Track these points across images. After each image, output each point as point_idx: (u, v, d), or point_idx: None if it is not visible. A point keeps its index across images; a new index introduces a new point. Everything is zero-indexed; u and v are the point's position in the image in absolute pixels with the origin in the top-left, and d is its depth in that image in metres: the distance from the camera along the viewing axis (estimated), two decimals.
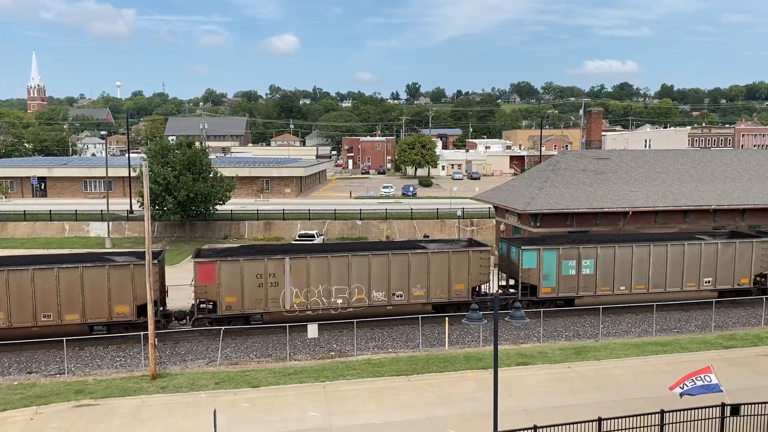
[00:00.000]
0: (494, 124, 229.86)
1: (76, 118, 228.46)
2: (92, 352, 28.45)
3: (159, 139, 68.16)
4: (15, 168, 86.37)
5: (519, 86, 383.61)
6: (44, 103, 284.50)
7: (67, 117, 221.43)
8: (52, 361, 27.44)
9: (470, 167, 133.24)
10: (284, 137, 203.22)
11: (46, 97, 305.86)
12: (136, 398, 23.62)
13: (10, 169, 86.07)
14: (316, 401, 23.33)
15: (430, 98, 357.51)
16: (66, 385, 24.83)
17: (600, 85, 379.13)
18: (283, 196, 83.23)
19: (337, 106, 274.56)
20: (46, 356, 27.96)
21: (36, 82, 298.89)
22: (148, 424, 21.64)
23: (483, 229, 60.50)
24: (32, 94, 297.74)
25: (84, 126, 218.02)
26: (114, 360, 27.81)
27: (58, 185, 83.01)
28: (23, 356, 27.96)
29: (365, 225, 60.99)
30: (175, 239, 58.42)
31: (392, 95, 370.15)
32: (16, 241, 56.92)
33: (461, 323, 23.64)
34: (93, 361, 27.65)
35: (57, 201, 76.65)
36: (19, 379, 25.81)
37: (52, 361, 27.38)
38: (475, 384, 24.80)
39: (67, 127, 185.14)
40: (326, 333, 30.37)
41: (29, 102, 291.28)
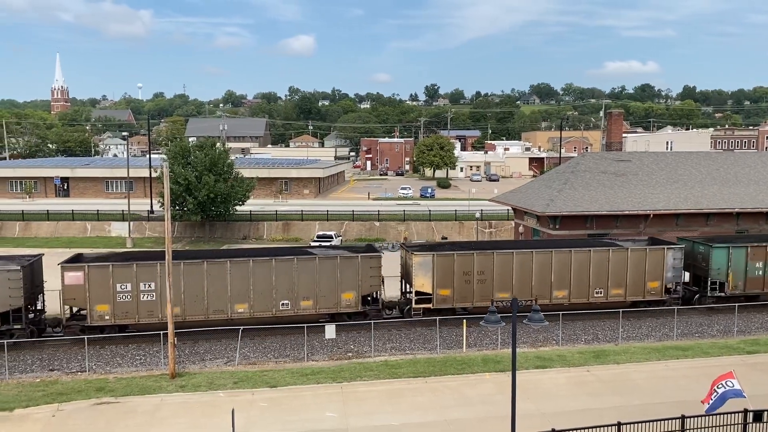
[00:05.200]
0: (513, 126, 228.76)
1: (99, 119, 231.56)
2: (113, 351, 28.78)
3: (179, 140, 68.79)
4: (39, 168, 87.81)
5: (538, 87, 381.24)
6: (67, 105, 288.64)
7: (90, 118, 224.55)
8: (74, 359, 27.80)
9: (489, 169, 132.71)
10: (303, 138, 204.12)
11: (69, 98, 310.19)
12: (155, 397, 23.84)
13: (33, 169, 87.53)
14: (333, 402, 23.37)
15: (449, 99, 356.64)
16: (87, 383, 25.15)
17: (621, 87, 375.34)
18: (302, 197, 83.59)
19: (355, 108, 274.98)
20: (68, 354, 28.34)
21: (59, 83, 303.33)
22: (167, 422, 21.83)
23: (501, 231, 60.24)
24: (56, 95, 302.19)
25: (106, 127, 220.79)
26: (134, 358, 28.10)
27: (80, 185, 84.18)
28: (46, 354, 28.37)
29: (383, 226, 61.03)
30: (195, 239, 58.91)
31: (411, 96, 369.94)
32: (40, 240, 57.78)
33: (479, 325, 23.53)
34: (113, 359, 27.97)
35: (79, 201, 77.72)
36: (41, 376, 26.18)
37: (74, 359, 27.74)
38: (492, 386, 24.67)
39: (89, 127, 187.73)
40: (344, 334, 30.42)
41: (53, 103, 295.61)
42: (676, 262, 34.33)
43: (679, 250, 34.62)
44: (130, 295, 29.34)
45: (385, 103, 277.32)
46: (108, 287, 29.10)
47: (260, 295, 30.39)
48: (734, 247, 35.00)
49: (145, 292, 29.48)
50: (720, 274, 34.86)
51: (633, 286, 33.79)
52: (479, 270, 32.35)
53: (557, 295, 33.16)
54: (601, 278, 33.36)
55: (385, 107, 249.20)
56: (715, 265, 34.78)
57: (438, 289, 32.09)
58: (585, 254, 33.34)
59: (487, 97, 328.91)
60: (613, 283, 33.55)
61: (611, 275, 33.47)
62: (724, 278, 34.92)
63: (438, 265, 31.97)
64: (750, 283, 35.25)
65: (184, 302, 29.71)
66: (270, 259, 30.60)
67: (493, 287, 32.48)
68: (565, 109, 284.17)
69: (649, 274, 33.85)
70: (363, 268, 31.37)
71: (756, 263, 35.09)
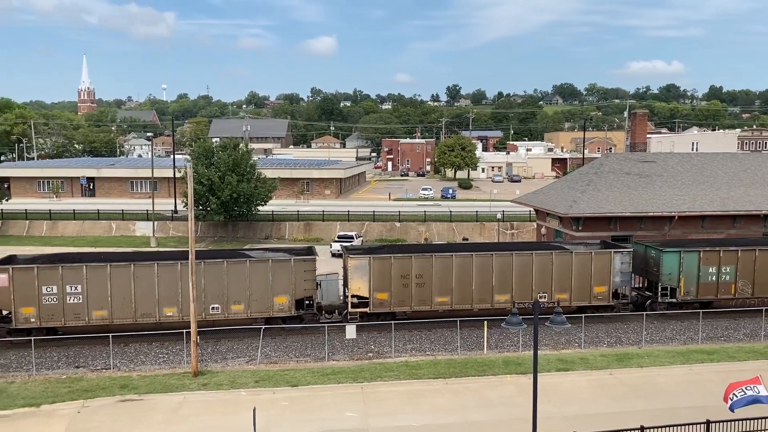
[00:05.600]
0: (536, 126, 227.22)
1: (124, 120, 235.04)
2: (137, 349, 29.17)
3: (203, 140, 69.52)
4: (65, 168, 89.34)
5: (561, 88, 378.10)
6: (93, 106, 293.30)
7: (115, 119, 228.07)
8: (99, 356, 28.23)
9: (511, 170, 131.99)
10: (325, 139, 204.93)
11: (96, 99, 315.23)
12: (178, 395, 24.11)
13: (60, 169, 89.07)
14: (353, 402, 23.42)
15: (471, 100, 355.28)
16: (111, 380, 25.52)
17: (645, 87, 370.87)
18: (323, 198, 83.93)
19: (377, 109, 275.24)
20: (93, 351, 28.78)
21: (86, 85, 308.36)
22: (189, 420, 22.06)
23: (523, 232, 59.86)
24: (82, 96, 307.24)
25: (131, 128, 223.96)
26: (157, 356, 28.45)
27: (106, 185, 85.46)
28: (72, 351, 28.85)
29: (404, 227, 61.02)
30: (217, 239, 59.46)
31: (432, 97, 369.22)
32: (66, 239, 58.75)
33: (500, 327, 23.41)
34: (137, 357, 28.35)
35: (105, 201, 78.90)
36: (67, 372, 26.64)
37: (99, 357, 28.17)
38: (514, 389, 24.53)
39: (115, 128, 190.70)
40: (364, 334, 30.47)
41: (79, 104, 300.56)
42: (624, 267, 32.92)
43: (627, 254, 33.17)
44: (56, 298, 28.90)
45: (407, 104, 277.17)
46: (33, 289, 28.65)
47: (188, 299, 29.63)
48: (686, 252, 33.48)
49: (71, 294, 29.04)
50: (671, 280, 33.37)
51: (578, 290, 32.52)
52: (417, 273, 31.47)
53: (499, 299, 32.07)
54: (544, 282, 32.19)
55: (407, 108, 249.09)
56: (665, 270, 33.30)
57: (375, 293, 31.20)
58: (527, 257, 32.23)
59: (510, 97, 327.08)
60: (557, 288, 32.33)
61: (555, 279, 32.30)
62: (676, 284, 33.37)
63: (375, 268, 31.08)
64: (703, 288, 33.58)
65: (111, 305, 29.36)
66: (199, 263, 29.42)
67: (432, 291, 31.61)
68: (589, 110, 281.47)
69: (596, 278, 32.58)
70: (296, 271, 30.62)
71: (709, 268, 33.50)
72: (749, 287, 34.00)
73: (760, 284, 34.05)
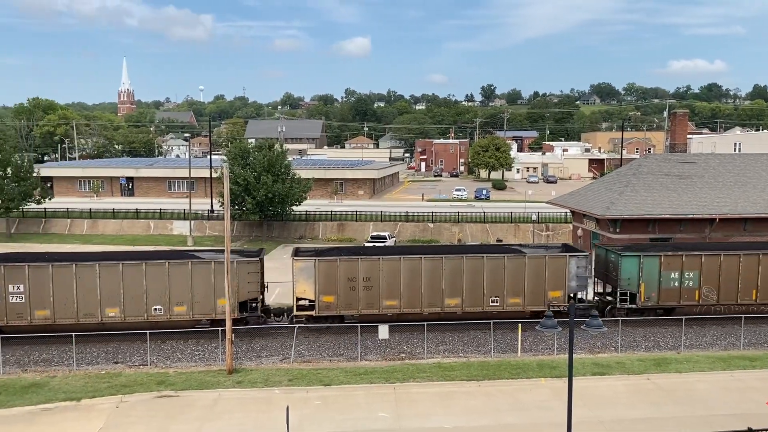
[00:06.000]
0: (572, 127, 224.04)
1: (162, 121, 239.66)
2: (173, 346, 29.69)
3: (239, 141, 70.44)
4: (106, 168, 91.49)
5: (599, 87, 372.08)
6: (133, 107, 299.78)
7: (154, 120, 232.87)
8: (137, 352, 28.81)
9: (546, 170, 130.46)
10: (358, 140, 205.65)
11: (135, 100, 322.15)
12: (213, 391, 24.46)
13: (101, 169, 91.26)
14: (385, 402, 23.44)
15: (506, 100, 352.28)
16: (149, 376, 26.03)
17: (686, 86, 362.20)
18: (357, 198, 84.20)
19: (410, 109, 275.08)
20: (131, 348, 29.39)
21: (126, 86, 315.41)
22: (223, 417, 22.36)
23: (559, 234, 59.10)
24: (122, 98, 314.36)
25: (169, 128, 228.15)
26: (193, 354, 28.91)
27: (144, 185, 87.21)
28: (110, 347, 29.51)
29: (437, 227, 60.83)
30: (253, 238, 60.16)
31: (467, 97, 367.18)
32: (106, 237, 60.16)
33: (535, 330, 23.14)
34: (174, 354, 28.85)
35: (143, 200, 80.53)
36: (106, 368, 27.26)
37: (137, 353, 28.75)
38: (548, 392, 24.23)
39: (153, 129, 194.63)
40: (397, 335, 30.46)
41: (119, 105, 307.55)
42: (581, 270, 31.84)
43: (583, 257, 32.16)
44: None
45: (441, 104, 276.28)
46: None
47: (131, 300, 29.77)
48: (646, 256, 32.25)
49: (13, 294, 29.11)
50: (631, 285, 32.16)
51: (532, 295, 31.48)
52: (365, 276, 30.80)
53: (449, 303, 31.27)
54: (496, 286, 31.34)
55: (441, 108, 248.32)
56: (624, 274, 32.08)
57: (321, 296, 30.60)
58: (478, 261, 31.29)
59: (546, 97, 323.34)
60: (510, 292, 31.44)
61: (508, 283, 31.38)
62: (636, 289, 32.18)
63: (321, 271, 30.51)
64: (664, 294, 32.30)
65: (53, 305, 29.37)
66: (141, 263, 29.87)
67: (381, 294, 30.92)
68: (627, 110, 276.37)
69: (550, 282, 31.48)
70: (240, 273, 30.21)
71: (671, 273, 32.19)
72: (714, 294, 32.66)
73: (726, 291, 32.49)
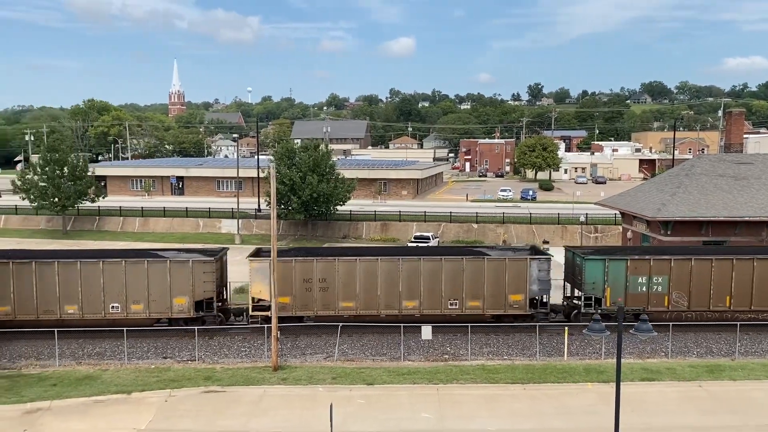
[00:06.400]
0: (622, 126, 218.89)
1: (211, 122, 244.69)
2: (220, 342, 30.26)
3: (285, 142, 71.33)
4: (157, 168, 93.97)
5: (650, 86, 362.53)
6: (183, 108, 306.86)
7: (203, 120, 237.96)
8: (185, 348, 29.48)
9: (595, 171, 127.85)
10: (402, 140, 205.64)
11: (185, 102, 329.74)
12: (258, 388, 24.83)
13: (152, 168, 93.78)
14: (428, 403, 23.36)
15: (554, 99, 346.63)
16: (196, 371, 26.61)
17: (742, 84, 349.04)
18: (400, 198, 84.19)
19: (455, 109, 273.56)
20: (180, 343, 30.09)
21: (176, 88, 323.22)
22: (269, 413, 22.68)
23: (608, 236, 57.85)
24: (173, 99, 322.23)
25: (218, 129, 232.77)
26: (240, 350, 29.41)
27: (194, 184, 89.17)
28: (160, 342, 30.28)
29: (481, 228, 60.33)
30: (298, 237, 60.86)
31: (513, 96, 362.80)
32: (156, 235, 61.75)
33: (582, 333, 22.69)
34: (221, 350, 29.41)
35: (193, 199, 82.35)
36: (156, 363, 27.99)
37: (185, 348, 29.42)
38: (595, 397, 23.75)
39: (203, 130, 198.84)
40: (440, 336, 30.33)
41: (170, 106, 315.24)
42: (543, 274, 31.06)
43: (545, 261, 31.32)
44: None
45: (486, 104, 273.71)
46: None
47: (89, 297, 30.31)
48: (611, 260, 31.17)
49: None
50: (595, 289, 31.15)
51: (492, 298, 30.90)
52: (321, 277, 30.66)
53: (407, 305, 30.92)
54: (455, 289, 30.79)
55: (486, 108, 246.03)
56: (589, 278, 31.08)
57: (277, 296, 30.18)
58: (436, 263, 30.88)
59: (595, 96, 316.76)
60: (469, 295, 30.85)
61: (467, 286, 30.81)
62: (601, 293, 31.12)
63: (276, 272, 30.73)
64: (632, 299, 31.05)
65: (14, 302, 30.05)
66: (98, 262, 30.31)
67: (337, 296, 30.74)
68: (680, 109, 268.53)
69: (511, 286, 30.85)
70: (196, 273, 30.43)
71: (639, 278, 31.02)
72: (685, 299, 31.30)
73: (698, 296, 31.11)
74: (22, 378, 26.09)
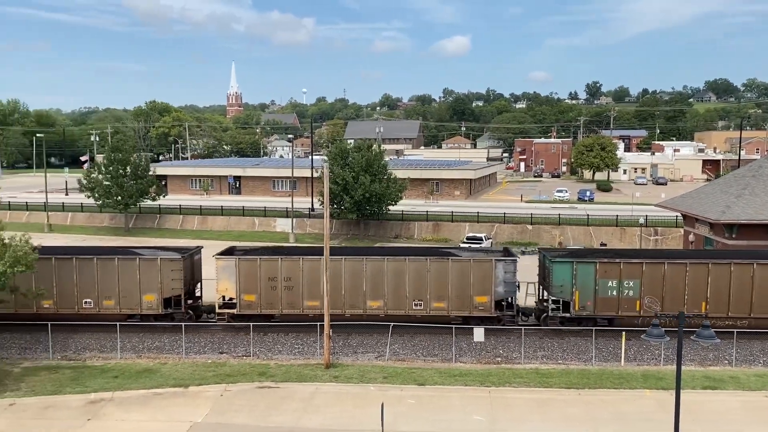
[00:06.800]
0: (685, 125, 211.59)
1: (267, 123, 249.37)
2: (274, 338, 30.77)
3: (339, 142, 71.97)
4: (215, 168, 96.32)
5: (715, 84, 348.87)
6: (240, 109, 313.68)
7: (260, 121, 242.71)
8: (240, 344, 30.10)
9: (656, 171, 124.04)
10: (455, 140, 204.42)
11: (242, 103, 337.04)
12: (311, 385, 25.12)
13: (210, 168, 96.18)
14: (480, 405, 23.14)
15: (612, 98, 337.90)
16: (251, 367, 27.13)
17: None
18: (452, 198, 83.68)
19: (510, 108, 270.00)
20: (236, 339, 30.75)
21: (234, 89, 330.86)
22: (321, 410, 22.91)
23: (668, 239, 55.99)
24: (231, 100, 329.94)
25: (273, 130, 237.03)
26: (293, 347, 29.83)
27: (250, 184, 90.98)
28: (216, 337, 31.02)
29: (536, 230, 59.35)
30: (350, 237, 61.30)
31: (570, 95, 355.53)
32: (214, 233, 63.31)
33: (640, 338, 22.03)
34: (275, 346, 29.90)
35: (249, 198, 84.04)
36: (212, 357, 28.69)
37: (240, 344, 30.04)
38: (653, 404, 23.03)
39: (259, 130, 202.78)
40: (493, 338, 30.01)
41: (228, 108, 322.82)
42: (509, 276, 30.66)
43: (511, 263, 30.90)
44: None
45: (542, 103, 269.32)
46: None
47: (63, 293, 31.17)
48: (580, 263, 30.38)
49: None
50: (564, 292, 30.44)
51: (457, 299, 30.64)
52: (286, 276, 30.93)
53: (371, 305, 30.88)
54: (420, 289, 30.57)
55: (542, 107, 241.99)
56: (556, 281, 30.44)
57: (242, 295, 30.99)
58: (401, 263, 30.78)
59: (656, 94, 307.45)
60: (434, 296, 30.68)
61: (432, 287, 30.62)
62: (569, 296, 30.42)
63: (242, 270, 30.93)
64: (602, 303, 30.30)
65: None
66: (71, 258, 31.17)
67: (302, 295, 30.94)
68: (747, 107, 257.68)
69: (476, 287, 30.55)
70: (164, 271, 31.08)
71: (609, 282, 30.18)
72: (657, 304, 30.11)
73: (671, 302, 29.98)
74: (87, 369, 27.18)
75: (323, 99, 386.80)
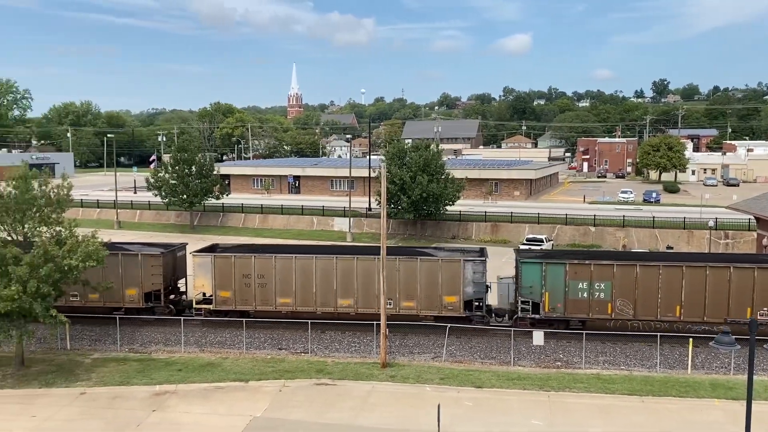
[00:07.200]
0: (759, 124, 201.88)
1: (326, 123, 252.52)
2: (332, 336, 31.08)
3: (396, 142, 72.09)
4: (275, 167, 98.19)
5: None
6: (300, 110, 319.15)
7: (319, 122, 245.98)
8: (299, 340, 30.55)
9: (727, 172, 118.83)
10: (515, 139, 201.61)
11: (303, 104, 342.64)
12: (367, 383, 25.23)
13: (271, 168, 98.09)
14: (539, 409, 22.71)
15: (680, 96, 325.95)
16: (309, 364, 27.49)
17: None
18: (512, 199, 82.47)
19: (572, 106, 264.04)
20: (294, 335, 31.22)
21: (295, 91, 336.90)
22: (376, 409, 22.97)
23: (740, 243, 53.53)
24: (291, 101, 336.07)
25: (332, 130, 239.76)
26: (350, 345, 30.05)
27: (309, 183, 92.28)
28: (275, 334, 31.57)
29: (599, 232, 57.80)
30: (407, 236, 61.30)
31: (635, 93, 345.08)
32: (274, 231, 64.52)
33: (708, 346, 21.12)
34: (332, 344, 30.20)
35: (308, 197, 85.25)
36: (272, 353, 29.22)
37: (299, 341, 30.48)
38: (722, 414, 22.06)
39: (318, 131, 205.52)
40: (553, 342, 29.40)
41: (288, 109, 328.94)
42: (477, 276, 30.51)
43: (480, 263, 30.68)
44: None
45: (606, 101, 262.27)
46: None
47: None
48: (549, 264, 29.73)
49: None
50: (533, 293, 30.01)
51: (426, 299, 30.78)
52: (259, 273, 31.55)
53: (342, 303, 31.27)
54: (390, 288, 29.94)
55: (606, 105, 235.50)
56: (525, 282, 30.10)
57: (218, 291, 31.85)
58: (370, 262, 30.79)
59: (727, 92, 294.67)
60: (403, 295, 30.89)
61: (401, 286, 30.80)
62: (539, 298, 29.96)
63: (217, 267, 31.79)
64: (572, 305, 29.58)
65: None
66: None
67: (275, 292, 31.50)
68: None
69: (445, 287, 30.60)
70: (144, 266, 32.29)
71: (579, 283, 29.45)
72: (630, 307, 28.76)
73: (644, 305, 29.04)
74: (152, 362, 28.16)
75: (381, 99, 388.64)
